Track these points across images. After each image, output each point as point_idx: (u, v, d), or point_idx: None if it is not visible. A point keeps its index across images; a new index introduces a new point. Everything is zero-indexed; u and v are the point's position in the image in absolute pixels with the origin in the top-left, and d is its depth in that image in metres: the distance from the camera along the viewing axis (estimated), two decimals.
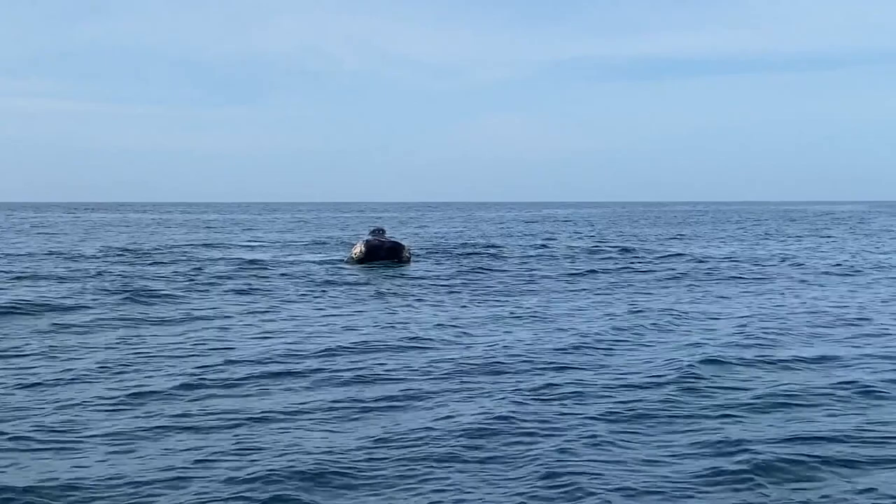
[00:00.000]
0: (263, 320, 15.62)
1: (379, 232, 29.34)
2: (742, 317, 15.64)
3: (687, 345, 12.60)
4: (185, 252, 33.58)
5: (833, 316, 15.71)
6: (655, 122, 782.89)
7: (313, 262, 29.10)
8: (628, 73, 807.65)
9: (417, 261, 28.28)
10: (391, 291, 20.38)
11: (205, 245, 38.88)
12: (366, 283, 22.23)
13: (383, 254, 27.35)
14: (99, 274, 23.72)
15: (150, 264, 27.81)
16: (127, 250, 33.89)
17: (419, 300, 18.73)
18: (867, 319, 15.29)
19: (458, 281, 22.84)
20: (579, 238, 45.65)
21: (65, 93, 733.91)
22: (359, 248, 27.92)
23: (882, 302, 17.91)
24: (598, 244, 38.79)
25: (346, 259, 28.48)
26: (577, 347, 12.51)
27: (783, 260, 29.37)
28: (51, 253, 32.31)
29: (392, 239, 29.09)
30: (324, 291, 20.42)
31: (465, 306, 17.70)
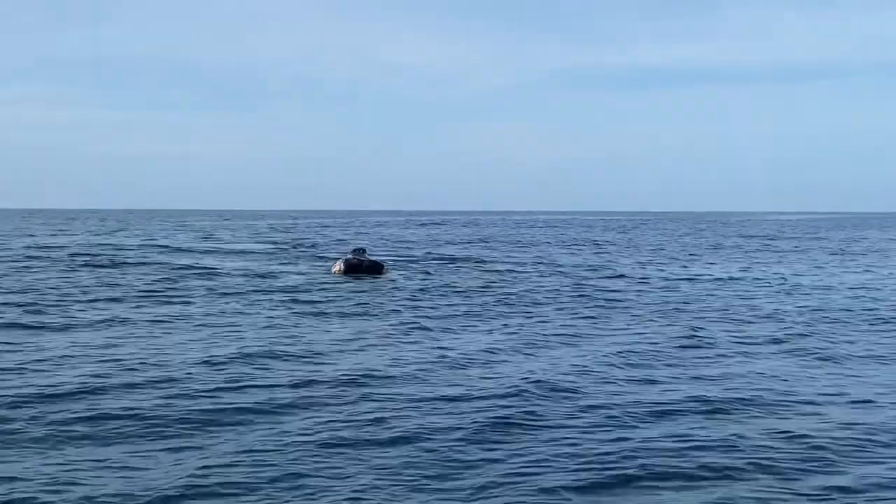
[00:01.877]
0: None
1: (360, 252, 30.83)
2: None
3: None
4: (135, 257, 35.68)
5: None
6: (646, 131, 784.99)
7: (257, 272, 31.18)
8: (620, 83, 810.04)
9: (397, 278, 29.88)
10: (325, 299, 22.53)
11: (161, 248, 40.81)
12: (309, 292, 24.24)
13: (362, 273, 28.98)
14: None
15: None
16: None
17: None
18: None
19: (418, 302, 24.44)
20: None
21: (59, 99, 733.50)
22: (338, 267, 29.57)
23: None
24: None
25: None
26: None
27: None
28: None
29: (372, 258, 30.67)
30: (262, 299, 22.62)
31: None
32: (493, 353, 14.93)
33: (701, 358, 14.85)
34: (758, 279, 30.20)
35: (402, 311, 20.77)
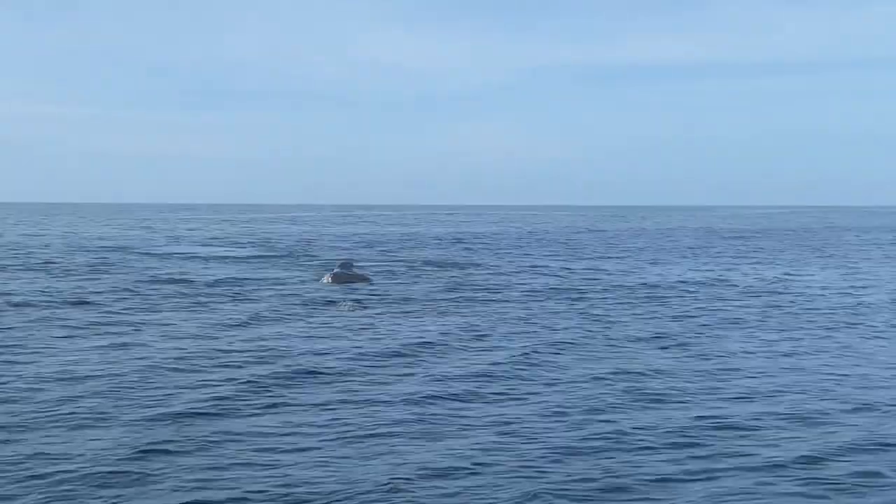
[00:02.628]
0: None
1: (347, 265, 31.54)
2: None
3: None
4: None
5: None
6: (635, 127, 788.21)
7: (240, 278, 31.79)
8: (607, 80, 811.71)
9: (378, 289, 30.55)
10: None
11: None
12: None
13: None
14: None
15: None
16: None
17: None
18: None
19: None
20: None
21: (40, 96, 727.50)
22: (326, 280, 30.30)
23: None
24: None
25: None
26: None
27: None
28: None
29: (359, 273, 31.36)
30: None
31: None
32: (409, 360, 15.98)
33: (606, 356, 16.48)
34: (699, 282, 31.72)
35: (368, 318, 21.71)
